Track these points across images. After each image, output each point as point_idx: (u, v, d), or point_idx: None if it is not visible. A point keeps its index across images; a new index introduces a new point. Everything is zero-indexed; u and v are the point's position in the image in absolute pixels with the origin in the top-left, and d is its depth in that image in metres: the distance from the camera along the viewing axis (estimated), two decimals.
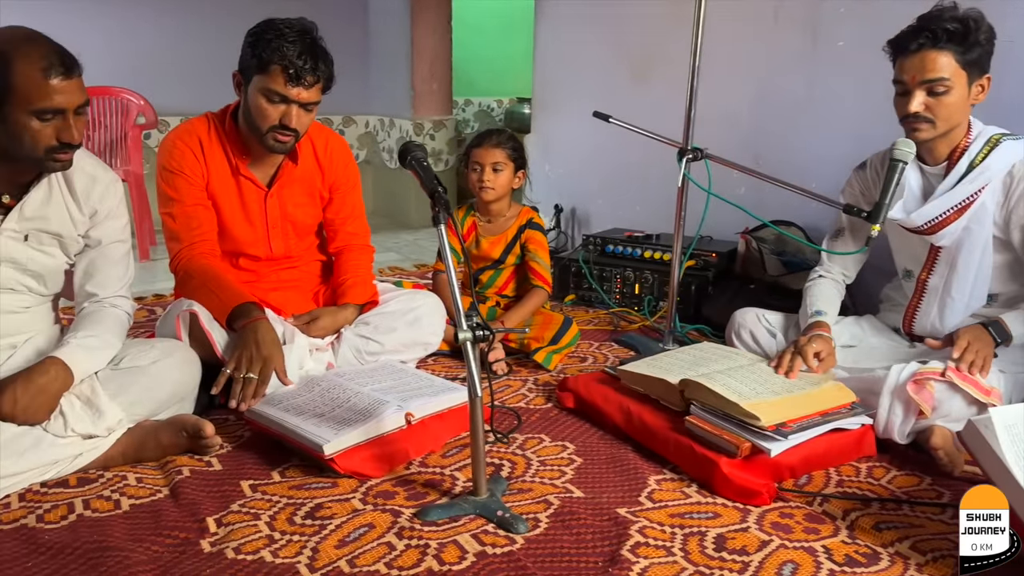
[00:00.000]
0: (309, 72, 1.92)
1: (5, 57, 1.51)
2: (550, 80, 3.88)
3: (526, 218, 2.59)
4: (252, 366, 1.86)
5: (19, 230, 1.68)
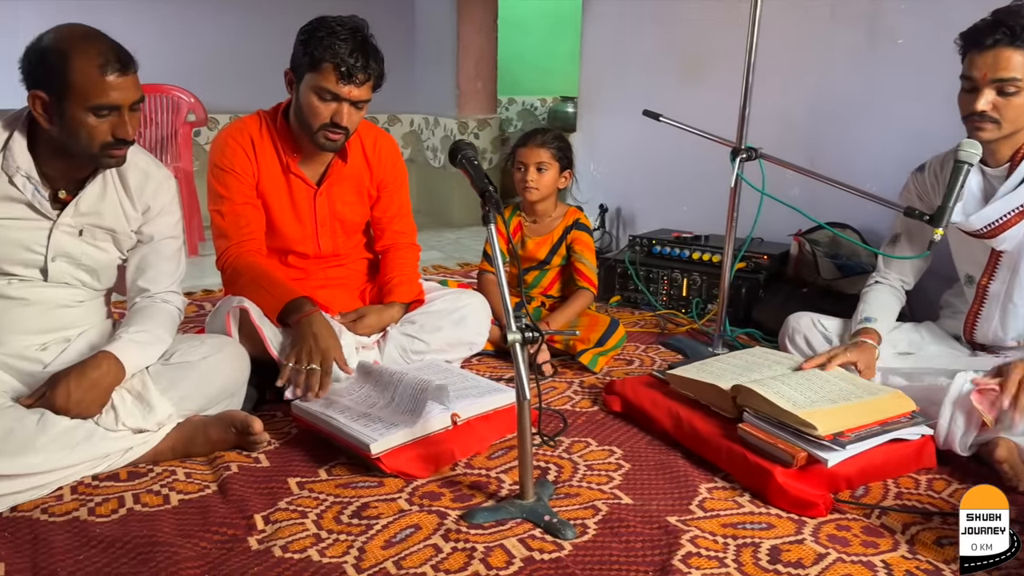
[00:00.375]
0: (361, 70, 1.93)
1: (63, 54, 1.53)
2: (597, 79, 3.84)
3: (572, 219, 2.56)
4: (312, 358, 1.86)
5: (74, 225, 1.71)
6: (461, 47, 4.69)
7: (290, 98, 2.07)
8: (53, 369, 1.69)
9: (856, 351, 1.90)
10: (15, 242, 1.65)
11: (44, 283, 1.71)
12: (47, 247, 1.68)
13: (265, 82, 4.52)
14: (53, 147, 1.63)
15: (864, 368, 1.89)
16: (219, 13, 4.45)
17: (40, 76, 1.55)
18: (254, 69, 4.51)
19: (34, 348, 1.72)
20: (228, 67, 4.47)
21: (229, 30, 4.49)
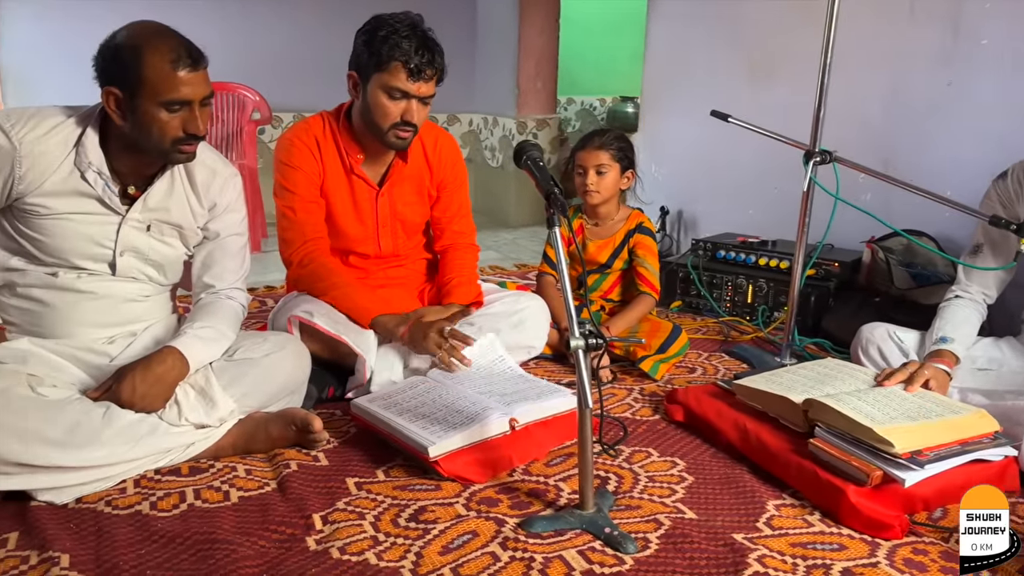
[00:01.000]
0: (428, 66, 1.93)
1: (137, 50, 1.55)
2: (661, 78, 3.77)
3: (635, 222, 2.51)
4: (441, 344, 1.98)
5: (142, 220, 1.73)
6: (522, 47, 4.66)
7: (351, 100, 2.08)
8: (119, 363, 1.71)
9: (931, 373, 1.81)
10: (85, 236, 1.67)
11: (112, 277, 1.73)
12: (116, 242, 1.70)
13: (327, 81, 4.57)
14: (125, 143, 1.66)
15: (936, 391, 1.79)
16: (284, 12, 4.51)
17: (114, 72, 1.57)
18: (317, 68, 4.57)
19: (101, 341, 1.75)
20: (292, 66, 4.53)
21: (293, 29, 4.55)
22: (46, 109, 1.64)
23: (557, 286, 2.57)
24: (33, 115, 1.61)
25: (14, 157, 1.57)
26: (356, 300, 2.07)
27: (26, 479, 1.50)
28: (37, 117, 1.61)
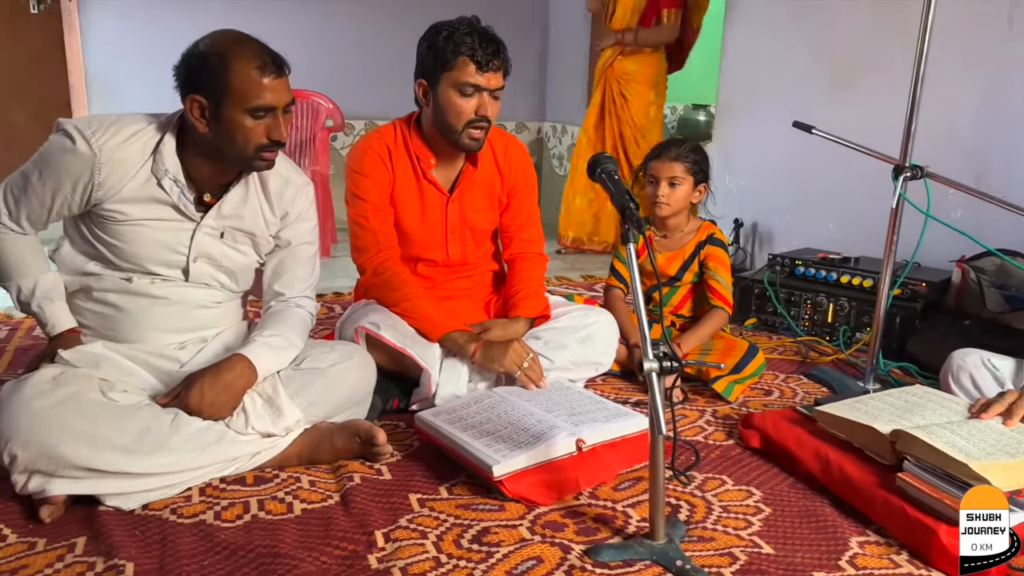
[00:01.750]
0: (494, 56, 1.95)
1: (223, 58, 1.57)
2: (737, 86, 3.67)
3: (706, 233, 2.42)
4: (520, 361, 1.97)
5: (216, 227, 1.74)
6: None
7: (420, 110, 2.08)
8: (189, 368, 1.72)
9: None
10: (160, 243, 1.69)
11: (185, 283, 1.74)
12: (190, 248, 1.72)
13: (399, 89, 4.61)
14: (204, 151, 1.67)
15: None
16: (357, 21, 4.57)
17: (199, 80, 1.58)
18: (388, 76, 4.60)
19: (173, 347, 1.76)
20: (364, 74, 4.58)
21: (366, 37, 4.59)
22: (126, 117, 1.66)
23: (626, 299, 2.51)
24: (113, 122, 1.63)
25: (94, 164, 1.59)
26: (427, 313, 2.05)
27: (94, 484, 1.51)
28: (117, 125, 1.63)
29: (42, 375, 1.55)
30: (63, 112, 4.12)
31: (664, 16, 3.84)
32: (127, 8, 4.14)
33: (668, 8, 3.83)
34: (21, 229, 1.69)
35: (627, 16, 3.85)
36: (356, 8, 4.55)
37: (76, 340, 1.70)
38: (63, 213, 1.66)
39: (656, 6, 3.84)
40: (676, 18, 3.85)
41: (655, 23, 3.87)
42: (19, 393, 1.50)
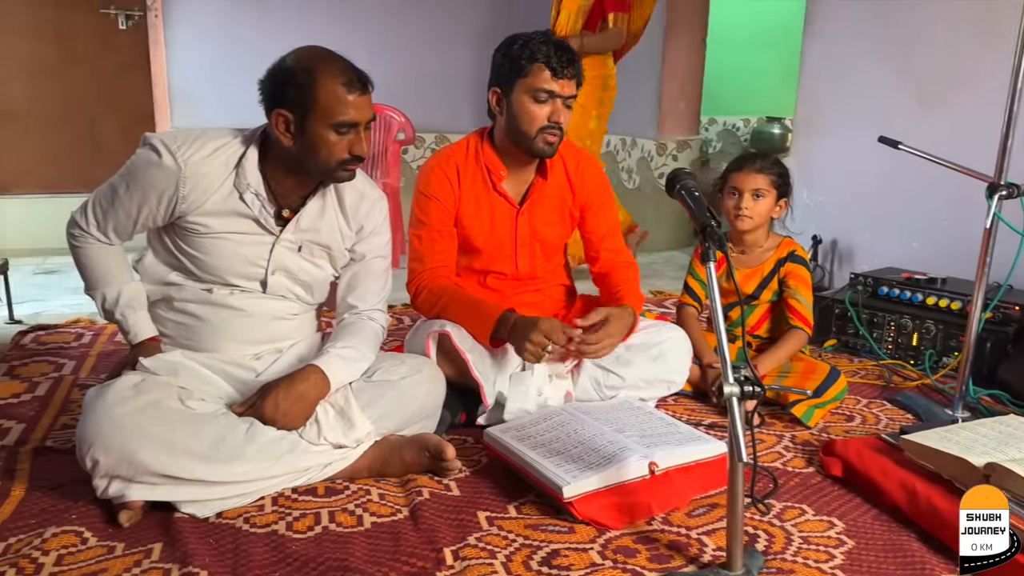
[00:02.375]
0: (568, 63, 1.95)
1: (310, 73, 1.60)
2: (817, 98, 3.56)
3: (787, 250, 2.34)
4: (539, 348, 1.88)
5: (294, 241, 1.76)
6: (666, 67, 4.54)
7: (492, 122, 2.09)
8: (265, 378, 1.74)
9: None
10: (240, 256, 1.72)
11: (263, 295, 1.77)
12: (268, 261, 1.74)
13: (468, 103, 4.68)
14: (286, 164, 1.70)
15: None
16: (428, 36, 4.62)
17: (285, 95, 1.61)
18: (457, 90, 4.66)
19: (249, 357, 1.79)
20: (434, 87, 4.63)
21: (436, 53, 4.64)
22: (210, 131, 1.70)
23: (699, 317, 2.44)
24: (198, 137, 1.67)
25: (179, 177, 1.63)
26: (465, 308, 2.01)
27: (171, 491, 1.54)
28: (201, 139, 1.66)
29: (124, 382, 1.59)
30: (148, 124, 4.27)
31: (611, 20, 3.52)
32: (209, 24, 4.27)
33: (615, 12, 3.51)
34: (107, 239, 1.74)
35: (571, 21, 3.49)
36: (427, 24, 4.60)
37: (156, 348, 1.74)
38: (148, 225, 1.71)
39: (602, 9, 3.52)
40: (624, 22, 3.54)
41: (600, 28, 3.54)
42: (102, 399, 1.54)
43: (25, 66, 4.09)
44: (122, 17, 4.14)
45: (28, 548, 1.45)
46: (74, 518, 1.55)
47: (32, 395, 2.17)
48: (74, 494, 1.63)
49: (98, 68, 4.19)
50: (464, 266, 2.16)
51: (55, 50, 4.11)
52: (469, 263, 2.16)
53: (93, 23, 4.13)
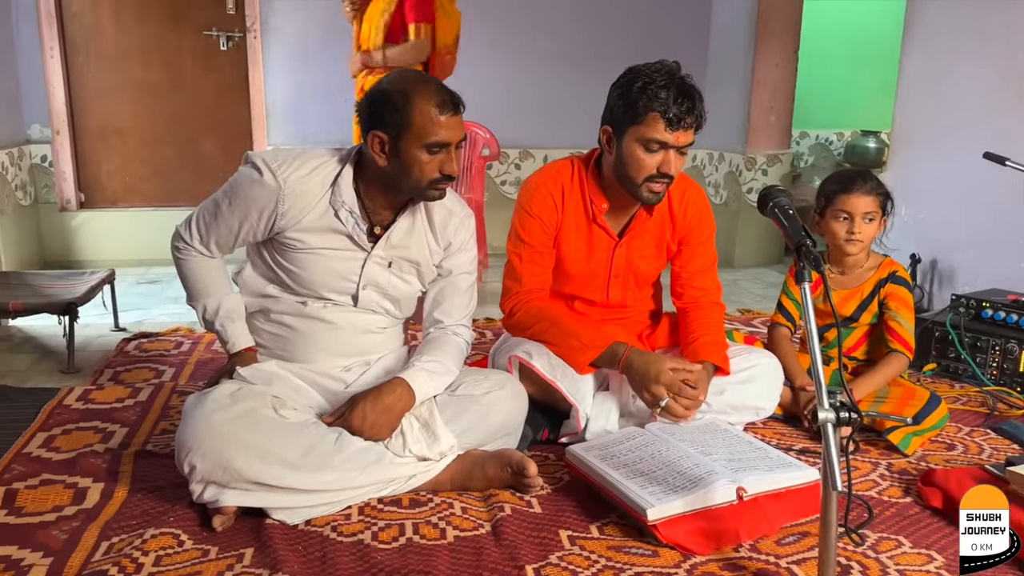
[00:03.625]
0: (687, 114, 1.84)
1: (406, 96, 1.65)
2: (916, 110, 3.43)
3: (888, 271, 2.24)
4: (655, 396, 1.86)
5: (385, 257, 1.80)
6: (756, 80, 4.45)
7: (599, 151, 2.02)
8: (353, 389, 1.79)
9: None
10: (333, 271, 1.77)
11: (354, 309, 1.82)
12: (360, 276, 1.79)
13: (554, 119, 4.69)
14: (380, 183, 1.75)
15: None
16: (514, 53, 4.65)
17: (382, 117, 1.67)
18: (544, 107, 4.67)
19: (339, 368, 1.84)
20: (519, 104, 4.65)
21: (521, 70, 4.67)
22: (308, 151, 1.77)
23: (792, 338, 2.37)
24: (297, 156, 1.73)
25: (278, 195, 1.69)
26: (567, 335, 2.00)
27: (263, 497, 1.59)
28: (300, 159, 1.73)
29: (222, 390, 1.66)
30: (246, 141, 4.45)
31: (412, 31, 3.18)
32: (305, 46, 4.42)
33: (416, 23, 3.17)
34: (209, 253, 1.82)
35: (373, 34, 3.22)
36: (513, 41, 4.64)
37: (253, 358, 1.81)
38: (248, 239, 1.78)
39: (403, 20, 3.21)
40: (426, 33, 3.21)
41: (403, 40, 3.22)
42: (201, 407, 1.61)
43: (134, 87, 4.33)
44: (223, 39, 4.33)
45: (129, 548, 1.52)
46: (171, 521, 1.62)
47: (135, 400, 2.28)
48: (172, 497, 1.70)
49: (200, 88, 4.39)
50: (553, 289, 2.13)
51: (161, 71, 4.34)
52: (558, 286, 2.13)
53: (196, 45, 4.33)
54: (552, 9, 4.65)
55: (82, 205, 4.37)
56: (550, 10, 4.64)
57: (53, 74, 4.18)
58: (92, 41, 4.25)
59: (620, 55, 4.23)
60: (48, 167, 4.26)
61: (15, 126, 4.13)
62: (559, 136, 4.71)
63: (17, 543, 1.54)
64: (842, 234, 2.19)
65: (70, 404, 2.23)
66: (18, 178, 4.06)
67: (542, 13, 4.64)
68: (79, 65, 4.25)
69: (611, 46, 4.61)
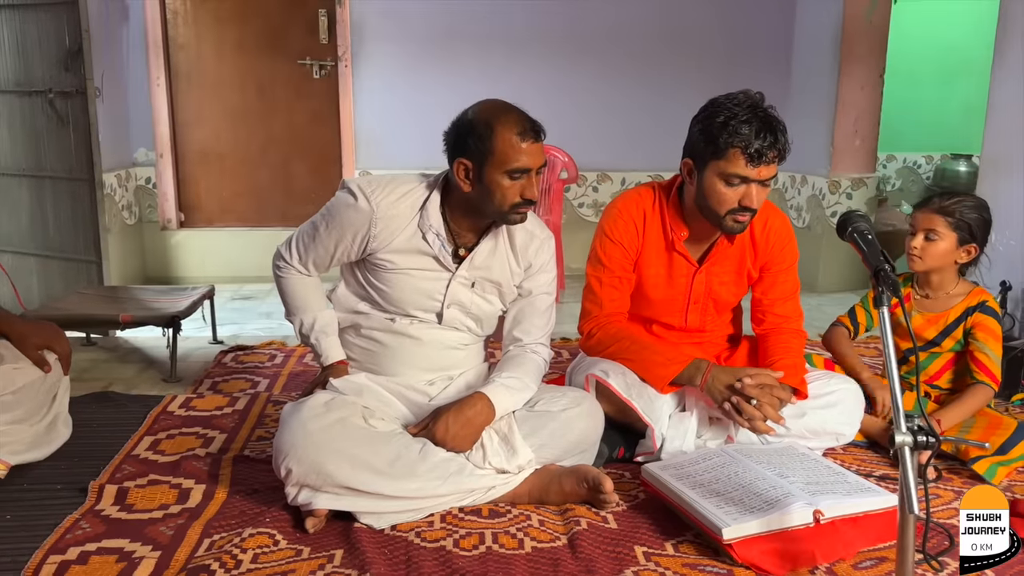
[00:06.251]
0: (769, 149, 1.83)
1: (489, 125, 1.74)
2: (1007, 133, 3.33)
3: (977, 300, 2.19)
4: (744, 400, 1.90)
5: (468, 277, 1.89)
6: (840, 103, 4.39)
7: (680, 177, 2.03)
8: (436, 403, 1.87)
9: None
10: (420, 290, 1.87)
11: (438, 326, 1.91)
12: (444, 295, 1.88)
13: (631, 143, 4.74)
14: (465, 208, 1.84)
15: None
16: (595, 76, 4.72)
17: (467, 144, 1.76)
18: (619, 130, 4.73)
19: (423, 382, 1.93)
20: (597, 127, 4.71)
21: (601, 93, 4.73)
22: (399, 178, 1.88)
23: (852, 340, 2.34)
24: (388, 183, 1.85)
25: (371, 218, 1.80)
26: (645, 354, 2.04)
27: (352, 501, 1.69)
28: (392, 185, 1.84)
29: (317, 399, 1.77)
30: (336, 166, 4.65)
31: None
32: (393, 74, 4.59)
33: None
34: (307, 271, 1.94)
35: None
36: (591, 63, 4.71)
37: (344, 371, 1.91)
38: (343, 259, 1.89)
39: None
40: None
41: None
42: (298, 415, 1.72)
43: (231, 112, 4.58)
44: (316, 67, 4.55)
45: (229, 546, 1.62)
46: (267, 521, 1.73)
47: (232, 408, 2.42)
48: (267, 500, 1.81)
49: (293, 114, 4.62)
50: (631, 312, 2.16)
51: (257, 98, 4.58)
52: (637, 310, 2.16)
53: (291, 73, 4.56)
54: (632, 33, 4.70)
55: (182, 224, 4.63)
56: (629, 34, 4.70)
57: (159, 101, 4.47)
58: (195, 70, 4.52)
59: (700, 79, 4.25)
60: (152, 188, 4.55)
61: (123, 150, 4.43)
62: (637, 159, 4.75)
63: (129, 536, 1.67)
64: (907, 248, 2.17)
65: (173, 411, 2.38)
66: (124, 199, 4.34)
67: (622, 37, 4.70)
68: (182, 93, 4.53)
69: (691, 70, 4.64)
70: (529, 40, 4.64)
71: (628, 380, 2.02)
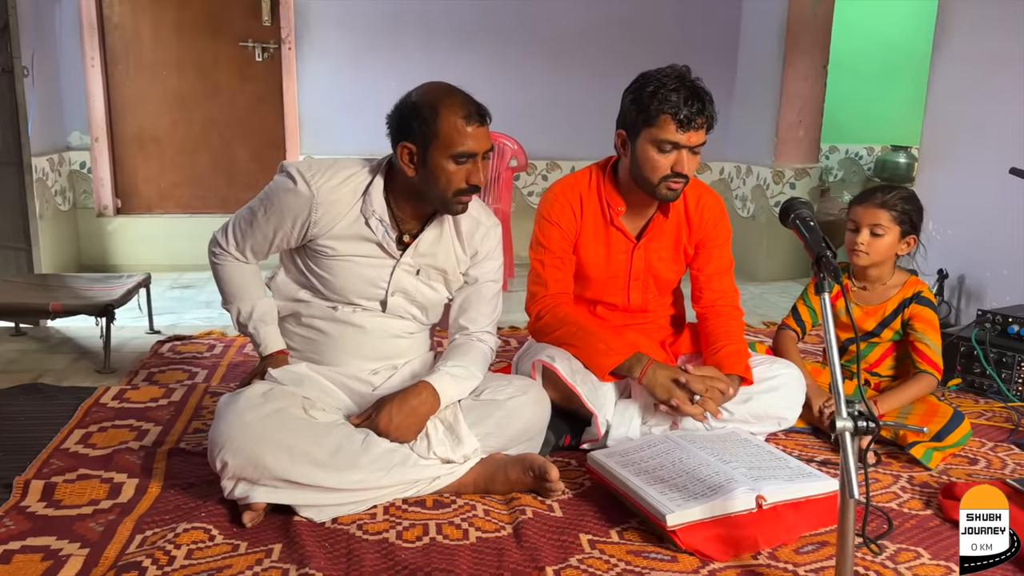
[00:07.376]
0: (697, 114, 1.90)
1: (434, 107, 1.69)
2: (945, 128, 3.42)
3: (912, 290, 2.23)
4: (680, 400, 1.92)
5: (413, 264, 1.85)
6: (784, 94, 4.46)
7: (617, 156, 2.08)
8: (380, 392, 1.83)
9: None
10: (363, 277, 1.82)
11: (382, 315, 1.87)
12: (388, 283, 1.84)
13: (581, 131, 4.74)
14: (408, 193, 1.80)
15: None
16: (543, 66, 4.71)
17: (411, 128, 1.72)
18: (571, 118, 4.72)
19: (367, 372, 1.89)
20: (547, 115, 4.70)
21: (550, 81, 4.72)
22: (341, 161, 1.83)
23: (799, 342, 2.37)
24: (330, 167, 1.79)
25: (311, 203, 1.75)
26: (591, 341, 2.03)
27: (292, 494, 1.64)
28: (333, 169, 1.79)
29: (254, 390, 1.72)
30: (280, 150, 4.55)
31: None
32: (338, 58, 4.51)
33: None
34: (245, 259, 1.88)
35: None
36: (541, 52, 4.69)
37: (284, 360, 1.86)
38: (282, 246, 1.84)
39: None
40: None
41: None
42: (234, 405, 1.66)
43: (169, 95, 4.44)
44: (259, 50, 4.44)
45: (162, 541, 1.57)
46: (203, 516, 1.67)
47: (168, 400, 2.34)
48: (203, 494, 1.76)
49: (235, 97, 4.50)
50: (575, 294, 2.18)
51: (197, 81, 4.45)
52: (580, 291, 2.18)
53: (233, 55, 4.44)
54: (581, 23, 4.70)
55: (118, 211, 4.49)
56: (579, 24, 4.70)
57: (93, 83, 4.31)
58: (131, 52, 4.37)
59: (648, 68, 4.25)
60: (87, 173, 4.39)
61: (56, 133, 4.26)
62: (586, 147, 4.73)
63: (55, 534, 1.60)
64: (849, 244, 2.20)
65: (106, 403, 2.30)
66: (57, 184, 4.18)
67: (571, 27, 4.70)
68: (118, 75, 4.38)
69: (639, 60, 4.61)
70: (477, 28, 4.61)
71: (573, 366, 2.02)
